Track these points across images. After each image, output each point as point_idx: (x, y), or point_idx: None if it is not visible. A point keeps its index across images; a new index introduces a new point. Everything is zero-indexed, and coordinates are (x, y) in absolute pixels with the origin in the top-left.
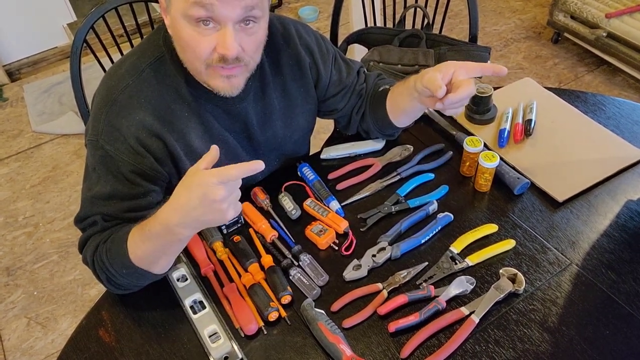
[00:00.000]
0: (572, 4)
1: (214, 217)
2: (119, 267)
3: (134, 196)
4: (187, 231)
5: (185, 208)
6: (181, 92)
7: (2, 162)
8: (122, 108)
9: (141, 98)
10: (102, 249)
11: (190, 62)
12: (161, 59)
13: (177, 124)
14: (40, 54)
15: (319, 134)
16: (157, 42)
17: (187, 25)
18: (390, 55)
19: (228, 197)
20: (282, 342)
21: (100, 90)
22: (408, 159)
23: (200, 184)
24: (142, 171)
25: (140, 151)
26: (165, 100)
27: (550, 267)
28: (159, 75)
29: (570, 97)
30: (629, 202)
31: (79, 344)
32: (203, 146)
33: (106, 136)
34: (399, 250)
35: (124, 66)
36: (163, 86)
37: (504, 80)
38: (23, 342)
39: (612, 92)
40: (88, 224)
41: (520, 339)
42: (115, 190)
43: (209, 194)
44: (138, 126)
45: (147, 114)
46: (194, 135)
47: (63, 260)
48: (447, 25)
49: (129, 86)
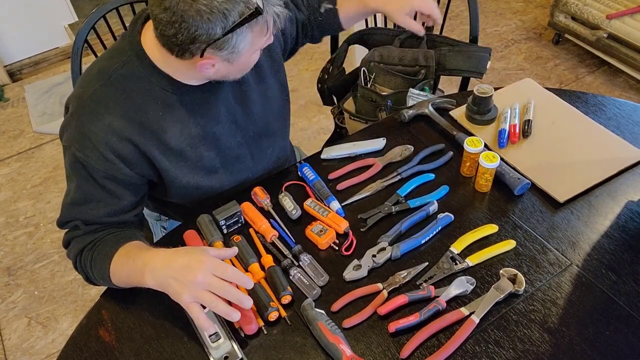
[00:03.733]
0: (572, 5)
1: (175, 288)
2: (98, 276)
3: (108, 201)
4: (151, 281)
5: (170, 260)
6: (153, 93)
7: (3, 162)
8: (90, 113)
9: (109, 101)
10: (86, 256)
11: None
12: (127, 62)
13: (149, 124)
14: (41, 54)
15: (319, 134)
16: (122, 48)
17: (255, 54)
18: (390, 56)
19: (199, 285)
20: (282, 342)
21: (73, 96)
22: (408, 159)
23: (197, 259)
24: (114, 176)
25: (110, 157)
26: (136, 102)
27: (551, 267)
28: (128, 79)
29: (570, 98)
30: (629, 203)
31: (80, 344)
32: (181, 144)
33: (77, 143)
34: (399, 251)
35: (93, 71)
36: (133, 89)
37: (504, 81)
38: (24, 342)
39: (613, 93)
40: (70, 226)
41: (521, 340)
42: (89, 195)
43: (194, 269)
44: (107, 131)
45: (116, 117)
46: (169, 134)
47: (64, 260)
48: (448, 26)
49: (97, 90)
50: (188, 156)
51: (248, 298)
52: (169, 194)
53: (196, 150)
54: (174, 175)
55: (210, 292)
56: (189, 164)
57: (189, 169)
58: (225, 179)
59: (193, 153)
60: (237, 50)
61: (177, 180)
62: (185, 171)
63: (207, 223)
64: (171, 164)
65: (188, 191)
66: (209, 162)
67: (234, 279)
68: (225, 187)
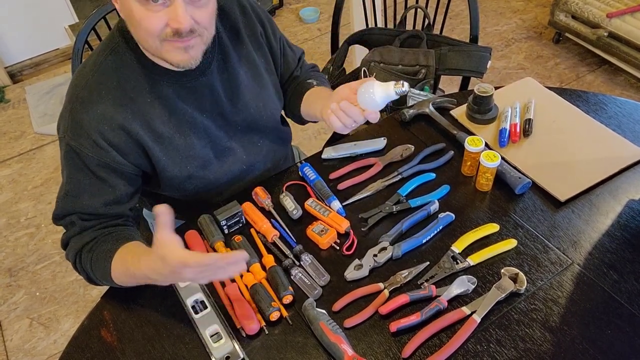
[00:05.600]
0: (573, 4)
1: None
2: (100, 277)
3: (102, 191)
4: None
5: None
6: (141, 78)
7: (4, 163)
8: (84, 103)
9: (102, 90)
10: (86, 257)
11: (145, 40)
12: (115, 49)
13: (139, 111)
14: (42, 55)
15: (320, 134)
16: (112, 35)
17: (136, 4)
18: (391, 56)
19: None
20: (283, 342)
21: (68, 90)
22: (409, 159)
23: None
24: (107, 164)
25: (103, 145)
26: (125, 89)
27: (552, 266)
28: (117, 65)
29: (571, 97)
30: (630, 202)
31: (81, 344)
32: (170, 131)
33: (71, 132)
34: (400, 250)
35: (87, 64)
36: (122, 75)
37: (505, 80)
38: (25, 343)
39: (614, 92)
40: (67, 223)
41: (522, 339)
42: (83, 185)
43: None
44: (100, 119)
45: (108, 105)
46: (158, 121)
47: (65, 261)
48: (448, 25)
49: (90, 81)
50: (178, 144)
51: (239, 255)
52: (162, 186)
53: (186, 138)
54: (165, 164)
55: None
56: (180, 152)
57: (180, 158)
58: (220, 171)
59: (183, 141)
60: None
61: (169, 170)
62: (177, 160)
63: (208, 223)
64: (162, 151)
65: (181, 183)
66: (201, 152)
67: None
68: (220, 180)
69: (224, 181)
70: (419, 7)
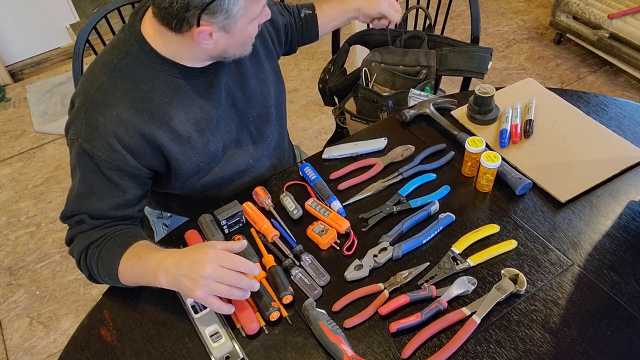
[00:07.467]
0: (574, 5)
1: (187, 285)
2: (104, 275)
3: (113, 194)
4: (164, 281)
5: (180, 259)
6: (158, 79)
7: (5, 162)
8: (99, 105)
9: (117, 92)
10: (93, 253)
11: (235, 48)
12: (130, 52)
13: (157, 112)
14: (42, 54)
15: (320, 134)
16: (123, 39)
17: (249, 21)
18: (392, 57)
19: (209, 278)
20: (283, 342)
21: (79, 91)
22: (410, 159)
23: (204, 253)
24: (120, 167)
25: (117, 148)
26: (142, 90)
27: (552, 267)
28: (132, 68)
29: (572, 98)
30: (631, 203)
31: (81, 343)
32: (189, 129)
33: (84, 134)
34: (401, 251)
35: (97, 66)
36: (138, 77)
37: (506, 80)
38: (25, 342)
39: (615, 93)
40: (75, 221)
41: (522, 340)
42: (94, 187)
43: (202, 262)
44: (115, 122)
45: (124, 108)
46: (177, 120)
47: (65, 260)
48: (449, 26)
49: (104, 83)
50: (196, 142)
51: (257, 282)
52: (171, 184)
53: (203, 135)
54: (181, 162)
55: (222, 283)
56: (197, 150)
57: (196, 155)
58: (226, 163)
59: (200, 139)
60: (231, 15)
61: (184, 168)
62: (192, 158)
63: (208, 223)
64: (180, 150)
65: (192, 178)
66: (214, 147)
67: (241, 267)
68: (226, 173)
69: (230, 174)
70: (420, 8)
